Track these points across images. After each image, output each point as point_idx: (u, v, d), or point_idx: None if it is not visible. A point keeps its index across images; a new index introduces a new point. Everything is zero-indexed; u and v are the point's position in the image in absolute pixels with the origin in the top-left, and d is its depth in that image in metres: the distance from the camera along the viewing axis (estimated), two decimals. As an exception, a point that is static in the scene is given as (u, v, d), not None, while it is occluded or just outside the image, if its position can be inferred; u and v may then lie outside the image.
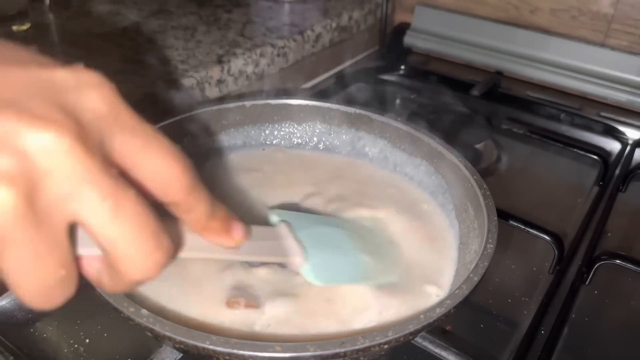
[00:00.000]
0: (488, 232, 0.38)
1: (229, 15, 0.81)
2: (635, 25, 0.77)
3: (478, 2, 0.88)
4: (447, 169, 0.48)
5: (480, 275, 0.34)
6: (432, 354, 0.40)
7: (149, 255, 0.22)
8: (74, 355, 0.41)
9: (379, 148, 0.55)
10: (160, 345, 0.39)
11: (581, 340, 0.45)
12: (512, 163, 0.68)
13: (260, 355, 0.28)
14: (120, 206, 0.21)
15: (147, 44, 0.69)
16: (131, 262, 0.22)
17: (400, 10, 0.96)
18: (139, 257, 0.22)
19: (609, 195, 0.61)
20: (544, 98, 0.81)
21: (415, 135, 0.51)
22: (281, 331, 0.37)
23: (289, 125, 0.57)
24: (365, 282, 0.39)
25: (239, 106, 0.54)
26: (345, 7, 0.87)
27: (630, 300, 0.49)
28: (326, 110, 0.56)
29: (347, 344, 0.29)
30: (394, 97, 0.81)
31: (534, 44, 0.83)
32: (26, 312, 0.44)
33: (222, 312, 0.38)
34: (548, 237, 0.50)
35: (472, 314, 0.46)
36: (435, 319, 0.31)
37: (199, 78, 0.62)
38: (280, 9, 0.85)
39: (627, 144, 0.71)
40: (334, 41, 0.85)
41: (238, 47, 0.69)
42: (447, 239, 0.46)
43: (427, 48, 0.93)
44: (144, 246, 0.22)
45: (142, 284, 0.24)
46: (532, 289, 0.48)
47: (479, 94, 0.78)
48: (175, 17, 0.79)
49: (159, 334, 0.30)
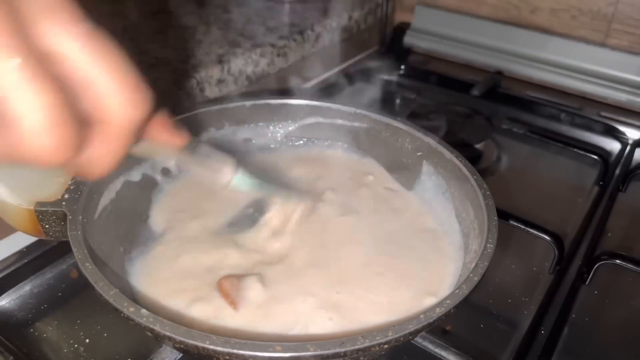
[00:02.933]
0: (488, 232, 0.38)
1: (229, 15, 0.81)
2: (635, 25, 0.77)
3: (478, 2, 0.88)
4: (447, 169, 0.48)
5: (480, 275, 0.34)
6: (432, 354, 0.40)
7: (134, 92, 0.22)
8: (74, 355, 0.41)
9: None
10: (160, 345, 0.39)
11: (581, 340, 0.45)
12: (512, 163, 0.68)
13: (260, 355, 0.28)
14: (95, 37, 0.20)
15: (147, 44, 0.69)
16: (118, 99, 0.21)
17: (400, 10, 0.96)
18: (126, 94, 0.22)
19: (609, 195, 0.61)
20: (544, 98, 0.81)
21: (415, 135, 0.51)
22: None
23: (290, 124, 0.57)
24: (284, 198, 0.44)
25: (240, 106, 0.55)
26: (345, 7, 0.87)
27: (630, 300, 0.49)
28: (326, 110, 0.56)
29: (347, 343, 0.29)
30: (394, 97, 0.81)
31: (534, 44, 0.83)
32: (26, 312, 0.44)
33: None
34: (548, 237, 0.50)
35: (472, 314, 0.46)
36: (435, 318, 0.31)
37: (199, 78, 0.62)
38: (280, 9, 0.85)
39: (627, 144, 0.71)
40: (334, 41, 0.85)
41: (238, 47, 0.69)
42: (447, 239, 0.46)
43: (427, 48, 0.93)
44: (129, 82, 0.22)
45: (131, 139, 0.23)
46: (532, 289, 0.48)
47: (479, 94, 0.78)
48: (175, 17, 0.79)
49: (159, 334, 0.30)
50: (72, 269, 0.48)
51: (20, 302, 0.45)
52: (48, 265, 0.48)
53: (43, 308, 0.45)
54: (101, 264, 0.37)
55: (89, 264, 0.33)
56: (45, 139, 0.20)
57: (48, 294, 0.46)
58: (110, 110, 0.22)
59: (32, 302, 0.45)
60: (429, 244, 0.46)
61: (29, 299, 0.46)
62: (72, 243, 0.35)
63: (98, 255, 0.37)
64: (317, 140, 0.58)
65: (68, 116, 0.20)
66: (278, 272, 0.42)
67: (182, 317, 0.38)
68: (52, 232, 0.40)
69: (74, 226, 0.36)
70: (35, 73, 0.19)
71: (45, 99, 0.19)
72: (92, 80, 0.21)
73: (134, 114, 0.22)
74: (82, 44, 0.20)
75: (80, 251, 0.34)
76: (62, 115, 0.20)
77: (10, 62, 0.18)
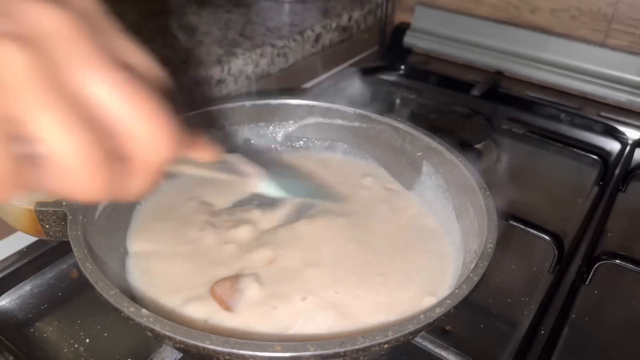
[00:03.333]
0: (488, 232, 0.38)
1: (229, 15, 0.81)
2: (635, 25, 0.77)
3: (478, 2, 0.88)
4: (447, 169, 0.48)
5: (480, 275, 0.34)
6: (432, 354, 0.40)
7: (164, 132, 0.23)
8: (74, 355, 0.41)
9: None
10: (160, 345, 0.39)
11: (581, 340, 0.45)
12: (512, 163, 0.68)
13: (260, 354, 0.28)
14: (126, 82, 0.22)
15: (147, 44, 0.69)
16: (149, 141, 0.23)
17: (400, 10, 0.96)
18: (156, 136, 0.23)
19: (609, 195, 0.61)
20: (544, 98, 0.81)
21: (415, 135, 0.51)
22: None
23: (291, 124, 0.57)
24: (316, 197, 0.46)
25: (240, 106, 0.55)
26: (345, 7, 0.87)
27: (630, 300, 0.49)
28: (326, 111, 0.56)
29: (347, 343, 0.29)
30: (394, 97, 0.81)
31: (534, 44, 0.83)
32: (26, 312, 0.44)
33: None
34: (548, 237, 0.50)
35: (472, 314, 0.46)
36: (435, 318, 0.31)
37: (199, 78, 0.62)
38: (280, 9, 0.85)
39: (627, 144, 0.71)
40: (334, 41, 0.85)
41: (238, 47, 0.69)
42: (447, 239, 0.46)
43: (427, 48, 0.93)
44: (159, 123, 0.23)
45: (159, 173, 0.24)
46: (532, 289, 0.48)
47: (479, 94, 0.78)
48: (175, 17, 0.79)
49: (159, 334, 0.30)
50: (72, 269, 0.48)
51: (20, 302, 0.45)
52: (48, 265, 0.48)
53: (43, 308, 0.45)
54: (101, 264, 0.37)
55: (89, 264, 0.33)
56: (77, 178, 0.21)
57: (48, 294, 0.46)
58: (139, 149, 0.23)
59: (32, 302, 0.45)
60: (429, 244, 0.46)
61: (29, 299, 0.46)
62: (72, 243, 0.35)
63: (98, 255, 0.37)
64: (317, 140, 0.58)
65: (99, 156, 0.22)
66: (275, 272, 0.42)
67: (180, 316, 0.38)
68: (52, 232, 0.40)
69: (74, 226, 0.36)
70: (67, 117, 0.20)
71: (77, 141, 0.21)
72: (122, 123, 0.22)
73: (162, 152, 0.24)
74: (112, 89, 0.21)
75: (80, 251, 0.34)
76: (93, 156, 0.21)
77: (43, 109, 0.20)
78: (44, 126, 0.20)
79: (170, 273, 0.42)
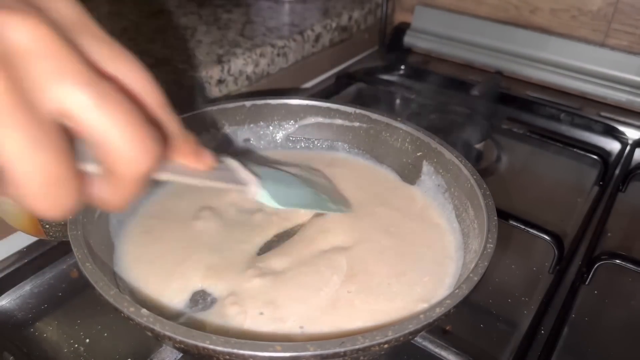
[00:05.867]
0: (488, 232, 0.38)
1: (229, 15, 0.81)
2: (635, 25, 0.77)
3: (478, 2, 0.88)
4: (447, 169, 0.48)
5: (480, 275, 0.34)
6: (432, 354, 0.40)
7: (141, 142, 0.22)
8: (74, 355, 0.41)
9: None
10: (160, 345, 0.39)
11: (581, 340, 0.45)
12: (512, 163, 0.68)
13: (260, 354, 0.28)
14: (102, 93, 0.21)
15: (147, 44, 0.69)
16: (124, 151, 0.22)
17: (400, 10, 0.96)
18: (132, 144, 0.22)
19: (609, 195, 0.61)
20: (544, 98, 0.81)
21: (415, 135, 0.51)
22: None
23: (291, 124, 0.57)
24: (318, 208, 0.43)
25: (240, 106, 0.55)
26: (345, 7, 0.87)
27: (630, 300, 0.49)
28: (326, 110, 0.56)
29: (347, 343, 0.29)
30: (394, 97, 0.81)
31: (534, 43, 0.83)
32: (26, 312, 0.44)
33: None
34: (548, 237, 0.50)
35: (472, 314, 0.46)
36: (434, 318, 0.31)
37: (199, 78, 0.62)
38: (280, 9, 0.85)
39: (627, 144, 0.71)
40: (334, 41, 0.85)
41: (238, 47, 0.69)
42: (447, 239, 0.46)
43: (427, 48, 0.93)
44: (135, 133, 0.22)
45: (143, 184, 0.24)
46: (532, 289, 0.48)
47: (479, 94, 0.78)
48: (175, 17, 0.79)
49: (159, 334, 0.30)
50: (72, 269, 0.48)
51: (20, 302, 0.45)
52: (48, 265, 0.48)
53: (43, 308, 0.45)
54: (101, 264, 0.37)
55: (89, 264, 0.33)
56: (40, 198, 0.21)
57: (48, 294, 0.46)
58: (118, 161, 0.22)
59: (32, 302, 0.45)
60: (429, 244, 0.46)
61: (29, 299, 0.45)
62: (72, 243, 0.35)
63: (98, 255, 0.37)
64: (317, 140, 0.58)
65: (66, 173, 0.21)
66: (275, 272, 0.42)
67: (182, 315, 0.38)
68: (52, 232, 0.40)
69: (74, 226, 0.36)
70: (36, 138, 0.20)
71: (41, 161, 0.20)
72: (99, 135, 0.22)
73: (142, 164, 0.23)
74: (88, 102, 0.21)
75: (80, 251, 0.34)
76: (58, 174, 0.21)
77: (11, 130, 0.19)
78: (7, 146, 0.20)
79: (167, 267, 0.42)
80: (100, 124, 0.21)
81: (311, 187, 0.44)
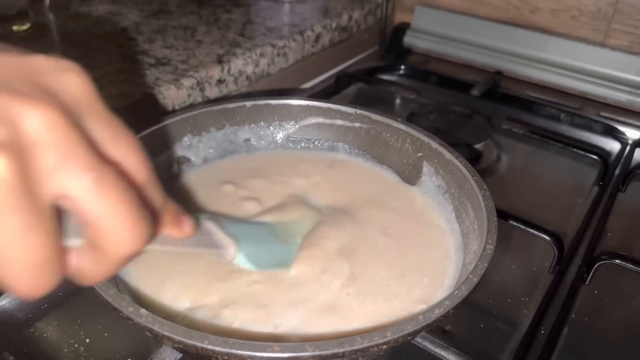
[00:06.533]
0: (487, 234, 0.38)
1: (229, 15, 0.81)
2: (635, 25, 0.77)
3: (478, 2, 0.88)
4: (448, 169, 0.48)
5: (479, 276, 0.34)
6: (432, 354, 0.40)
7: (133, 225, 0.23)
8: (74, 355, 0.41)
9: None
10: (160, 345, 0.39)
11: (581, 340, 0.45)
12: (512, 163, 0.68)
13: (258, 355, 0.28)
14: (102, 179, 0.22)
15: (147, 44, 0.69)
16: (117, 233, 0.23)
17: (400, 10, 0.96)
18: (124, 228, 0.23)
19: (609, 195, 0.61)
20: (544, 98, 0.81)
21: (415, 135, 0.51)
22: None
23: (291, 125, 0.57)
24: (290, 267, 0.42)
25: (240, 106, 0.55)
26: (345, 7, 0.87)
27: (630, 300, 0.49)
28: (327, 111, 0.56)
29: (346, 344, 0.29)
30: (393, 97, 0.81)
31: (534, 44, 0.83)
32: (26, 312, 0.44)
33: None
34: (548, 237, 0.50)
35: (472, 314, 0.46)
36: (433, 319, 0.31)
37: (199, 78, 0.62)
38: (280, 9, 0.85)
39: (627, 144, 0.71)
40: (334, 41, 0.85)
41: (238, 47, 0.69)
42: (446, 240, 0.46)
43: (427, 48, 0.93)
44: (129, 217, 0.23)
45: (127, 262, 0.24)
46: (532, 289, 0.48)
47: (479, 94, 0.78)
48: (175, 17, 0.79)
49: (158, 334, 0.30)
50: (72, 269, 0.48)
51: (20, 302, 0.45)
52: (48, 266, 0.48)
53: (43, 308, 0.45)
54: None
55: (88, 264, 0.33)
56: (27, 281, 0.21)
57: (48, 294, 0.46)
58: (109, 242, 0.23)
59: (32, 302, 0.45)
60: (428, 245, 0.46)
61: (29, 299, 0.45)
62: (72, 243, 0.35)
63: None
64: (317, 140, 0.58)
65: (55, 256, 0.22)
66: (276, 276, 0.42)
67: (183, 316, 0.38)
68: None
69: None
70: (32, 225, 0.20)
71: (35, 248, 0.21)
72: (94, 219, 0.22)
73: (133, 246, 0.24)
74: (87, 187, 0.21)
75: (80, 251, 0.34)
76: (48, 258, 0.21)
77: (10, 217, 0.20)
78: (2, 233, 0.20)
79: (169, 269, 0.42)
80: (97, 208, 0.22)
81: (280, 234, 0.45)
